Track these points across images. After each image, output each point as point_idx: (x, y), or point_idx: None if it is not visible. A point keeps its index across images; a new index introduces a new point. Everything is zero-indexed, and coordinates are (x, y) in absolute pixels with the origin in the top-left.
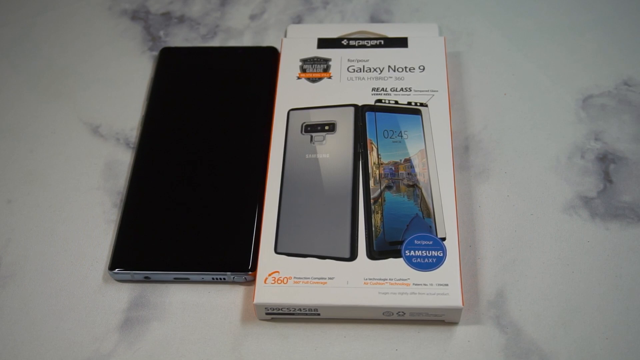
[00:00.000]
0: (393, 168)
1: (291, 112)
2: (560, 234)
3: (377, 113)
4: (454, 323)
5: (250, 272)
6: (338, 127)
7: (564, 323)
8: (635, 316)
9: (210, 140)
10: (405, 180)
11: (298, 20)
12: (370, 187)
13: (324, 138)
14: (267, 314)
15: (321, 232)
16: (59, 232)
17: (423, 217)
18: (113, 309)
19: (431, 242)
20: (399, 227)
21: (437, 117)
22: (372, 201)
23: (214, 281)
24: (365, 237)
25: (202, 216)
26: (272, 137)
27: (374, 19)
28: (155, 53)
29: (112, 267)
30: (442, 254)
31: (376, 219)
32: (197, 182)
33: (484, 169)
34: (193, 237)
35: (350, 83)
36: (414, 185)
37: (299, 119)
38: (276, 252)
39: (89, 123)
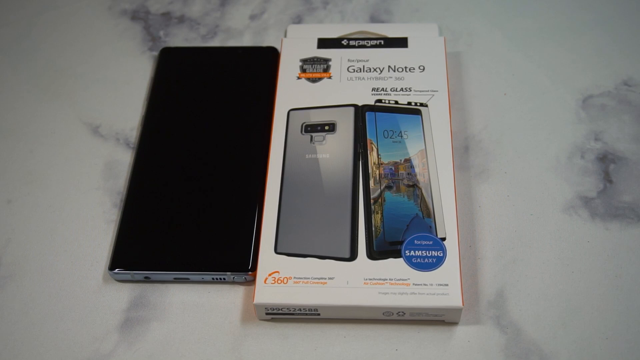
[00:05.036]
0: (393, 168)
1: (291, 112)
2: (560, 234)
3: (377, 113)
4: (454, 323)
5: (250, 272)
6: (338, 127)
7: (564, 323)
8: (635, 316)
9: (210, 140)
10: (405, 180)
11: (298, 20)
12: (370, 187)
13: (324, 138)
14: (267, 314)
15: (321, 232)
16: (59, 232)
17: (423, 217)
18: (113, 309)
19: (431, 242)
20: (399, 227)
21: (437, 117)
22: (372, 201)
23: (214, 281)
24: (365, 237)
25: (202, 216)
26: (272, 137)
27: (374, 19)
28: (155, 53)
29: (112, 267)
30: (442, 254)
31: (376, 219)
32: (197, 182)
33: (484, 169)
34: (193, 237)
35: (350, 83)
36: (414, 185)
37: (299, 119)
38: (276, 252)
39: (89, 123)
